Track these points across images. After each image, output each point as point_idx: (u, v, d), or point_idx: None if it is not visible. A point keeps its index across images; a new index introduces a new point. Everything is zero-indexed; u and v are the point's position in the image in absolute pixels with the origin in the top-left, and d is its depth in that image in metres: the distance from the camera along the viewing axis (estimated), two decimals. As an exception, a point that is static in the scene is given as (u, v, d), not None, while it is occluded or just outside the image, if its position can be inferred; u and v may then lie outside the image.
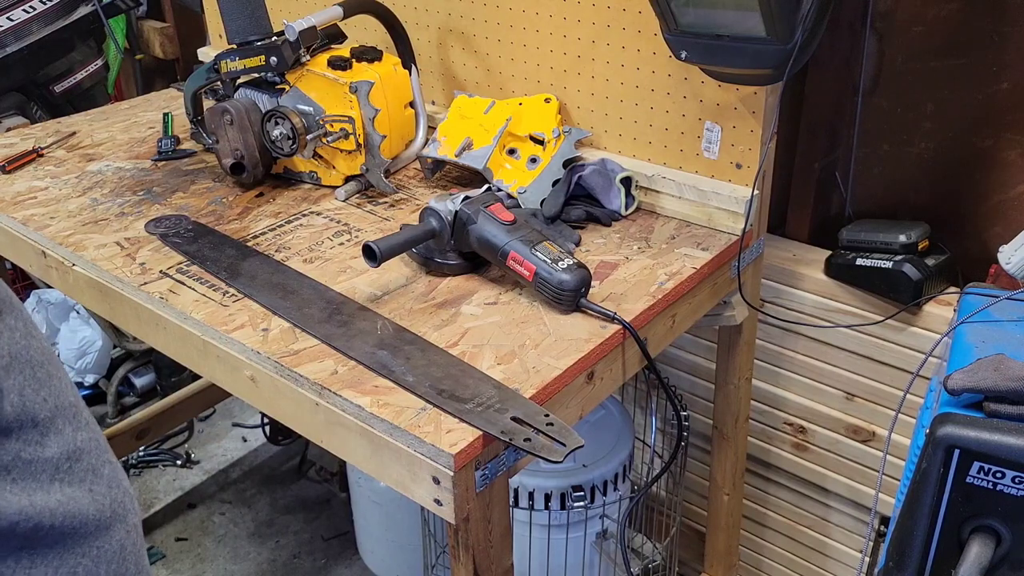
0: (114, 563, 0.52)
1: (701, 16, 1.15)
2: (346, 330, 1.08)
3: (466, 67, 1.59)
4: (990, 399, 0.88)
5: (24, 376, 0.50)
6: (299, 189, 1.50)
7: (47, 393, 0.51)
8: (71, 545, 0.50)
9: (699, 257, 1.26)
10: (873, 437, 1.58)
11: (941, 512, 0.88)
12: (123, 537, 0.53)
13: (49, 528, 0.49)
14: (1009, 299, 1.07)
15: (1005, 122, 1.39)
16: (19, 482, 0.48)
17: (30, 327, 0.52)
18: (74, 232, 1.35)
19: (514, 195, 1.38)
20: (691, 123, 1.34)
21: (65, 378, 0.53)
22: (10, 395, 0.49)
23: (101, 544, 0.52)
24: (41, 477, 0.49)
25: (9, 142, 1.72)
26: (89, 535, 0.51)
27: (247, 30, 1.43)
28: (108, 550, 0.52)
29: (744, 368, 1.53)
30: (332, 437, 1.02)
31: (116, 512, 0.53)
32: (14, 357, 0.50)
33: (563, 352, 1.05)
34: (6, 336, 0.50)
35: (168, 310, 1.17)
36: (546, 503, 1.57)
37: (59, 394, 0.52)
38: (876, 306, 1.48)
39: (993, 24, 1.35)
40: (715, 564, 1.76)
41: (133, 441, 2.24)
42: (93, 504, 0.52)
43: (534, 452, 0.89)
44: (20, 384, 0.49)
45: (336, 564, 2.22)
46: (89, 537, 0.51)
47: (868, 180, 1.58)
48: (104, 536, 0.52)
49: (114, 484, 0.54)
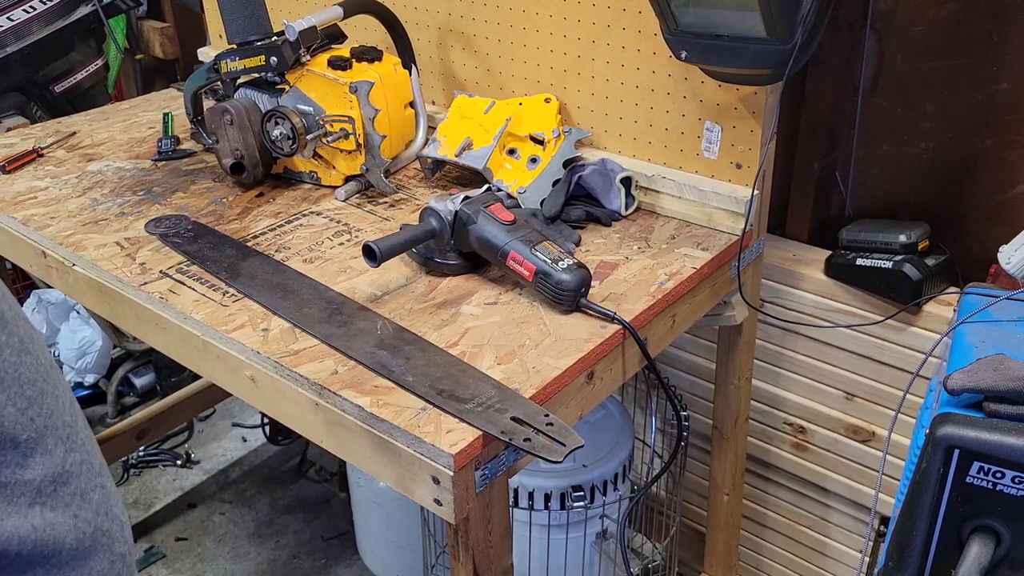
0: None
1: (701, 16, 1.15)
2: (346, 330, 1.08)
3: (466, 67, 1.59)
4: (990, 399, 0.88)
5: (8, 395, 0.47)
6: (299, 189, 1.50)
7: (35, 412, 0.48)
8: (42, 574, 0.47)
9: (699, 257, 1.26)
10: (873, 437, 1.58)
11: (941, 512, 0.88)
12: (106, 568, 0.50)
13: (16, 556, 0.46)
14: (1009, 299, 1.07)
15: (1005, 122, 1.39)
16: None
17: (26, 343, 0.49)
18: (74, 232, 1.35)
19: (514, 195, 1.38)
20: (691, 123, 1.34)
21: (63, 396, 0.51)
22: None
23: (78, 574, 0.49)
24: (19, 501, 0.46)
25: (9, 142, 1.72)
26: (64, 564, 0.48)
27: (247, 30, 1.43)
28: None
29: (744, 368, 1.53)
30: (332, 437, 1.02)
31: (98, 540, 0.50)
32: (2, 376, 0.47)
33: (563, 352, 1.05)
34: None
35: (168, 310, 1.17)
36: (546, 503, 1.57)
37: (51, 413, 0.49)
38: (876, 306, 1.48)
39: (993, 24, 1.35)
40: (715, 564, 1.76)
41: (133, 441, 2.24)
42: (74, 531, 0.49)
43: (534, 452, 0.89)
44: (2, 403, 0.47)
45: (336, 564, 2.22)
46: (64, 566, 0.48)
47: (868, 180, 1.58)
48: (82, 566, 0.49)
49: (103, 511, 0.51)
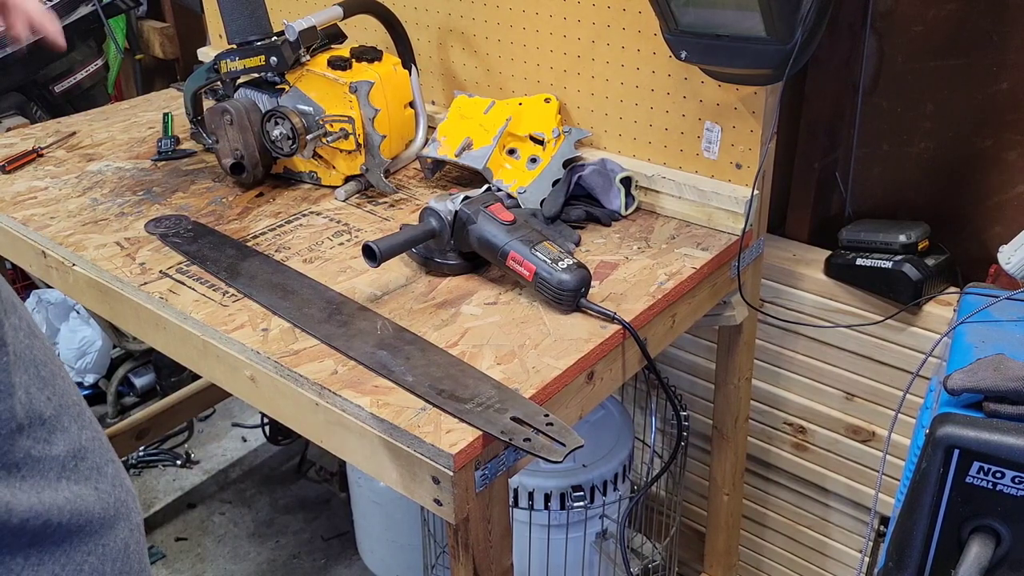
0: (119, 561, 0.52)
1: (701, 16, 1.15)
2: (346, 330, 1.08)
3: (466, 67, 1.59)
4: (990, 399, 0.88)
5: (29, 375, 0.49)
6: (299, 189, 1.50)
7: (51, 392, 0.51)
8: (77, 543, 0.50)
9: (699, 257, 1.26)
10: (873, 437, 1.58)
11: (941, 512, 0.88)
12: (127, 535, 0.53)
13: (57, 525, 0.48)
14: (1009, 299, 1.07)
15: (1005, 122, 1.39)
16: (28, 479, 0.48)
17: (32, 327, 0.51)
18: (74, 232, 1.35)
19: (514, 195, 1.38)
20: (691, 123, 1.34)
21: (67, 377, 0.53)
22: (18, 392, 0.48)
23: (106, 542, 0.51)
24: (49, 475, 0.49)
25: (9, 142, 1.72)
26: (95, 533, 0.51)
27: (247, 30, 1.43)
28: (113, 548, 0.52)
29: (744, 368, 1.53)
30: (332, 437, 1.02)
31: (120, 511, 0.53)
32: (19, 356, 0.49)
33: (563, 352, 1.05)
34: (11, 335, 0.49)
35: (168, 310, 1.17)
36: (546, 503, 1.57)
37: (63, 393, 0.51)
38: (876, 306, 1.48)
39: (993, 24, 1.35)
40: (715, 564, 1.76)
41: (133, 441, 2.24)
42: (99, 502, 0.51)
43: (534, 452, 0.89)
44: (26, 382, 0.49)
45: (336, 564, 2.22)
46: (95, 535, 0.51)
47: (868, 180, 1.58)
48: (109, 534, 0.52)
49: (118, 483, 0.53)
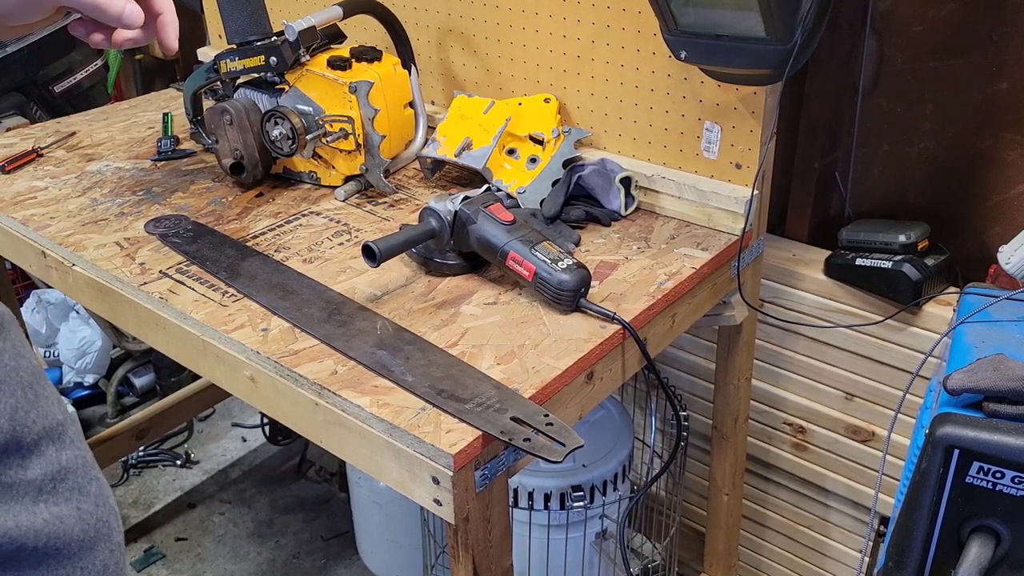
0: None
1: (701, 16, 1.15)
2: (346, 330, 1.08)
3: (466, 67, 1.59)
4: (990, 399, 0.88)
5: (16, 398, 0.48)
6: (299, 189, 1.50)
7: (36, 415, 0.49)
8: (54, 565, 0.49)
9: (699, 257, 1.26)
10: (873, 437, 1.58)
11: (941, 512, 0.88)
12: (106, 556, 0.52)
13: (32, 549, 0.48)
14: (1009, 299, 1.07)
15: (1005, 122, 1.39)
16: (2, 504, 0.47)
17: (19, 346, 0.50)
18: (74, 232, 1.35)
19: (514, 195, 1.38)
20: (691, 123, 1.34)
21: (52, 394, 0.52)
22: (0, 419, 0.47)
23: (85, 564, 0.51)
24: (24, 499, 0.48)
25: (9, 142, 1.72)
26: (73, 555, 0.50)
27: (247, 30, 1.43)
28: (91, 570, 0.51)
29: (744, 368, 1.53)
30: (332, 437, 1.02)
31: (100, 531, 0.52)
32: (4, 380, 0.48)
33: (563, 352, 1.05)
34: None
35: (168, 310, 1.17)
36: (546, 503, 1.57)
37: (47, 415, 0.50)
38: (876, 306, 1.48)
39: (993, 24, 1.35)
40: (715, 564, 1.76)
41: (133, 441, 2.24)
42: (79, 523, 0.51)
43: (534, 452, 0.89)
44: (12, 407, 0.48)
45: (336, 564, 2.22)
46: (73, 557, 0.50)
47: (868, 180, 1.58)
48: (88, 556, 0.51)
49: (100, 502, 0.53)
